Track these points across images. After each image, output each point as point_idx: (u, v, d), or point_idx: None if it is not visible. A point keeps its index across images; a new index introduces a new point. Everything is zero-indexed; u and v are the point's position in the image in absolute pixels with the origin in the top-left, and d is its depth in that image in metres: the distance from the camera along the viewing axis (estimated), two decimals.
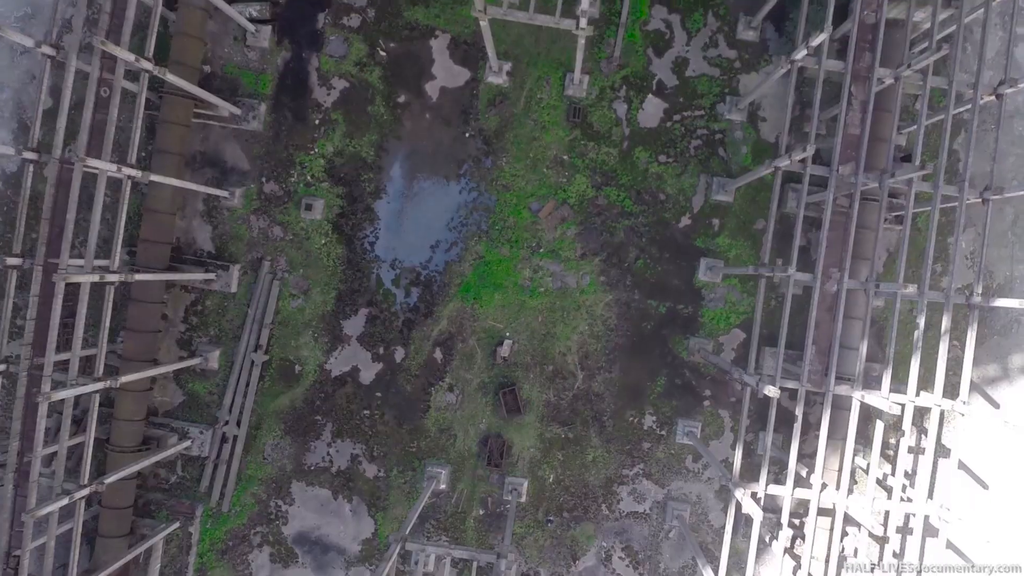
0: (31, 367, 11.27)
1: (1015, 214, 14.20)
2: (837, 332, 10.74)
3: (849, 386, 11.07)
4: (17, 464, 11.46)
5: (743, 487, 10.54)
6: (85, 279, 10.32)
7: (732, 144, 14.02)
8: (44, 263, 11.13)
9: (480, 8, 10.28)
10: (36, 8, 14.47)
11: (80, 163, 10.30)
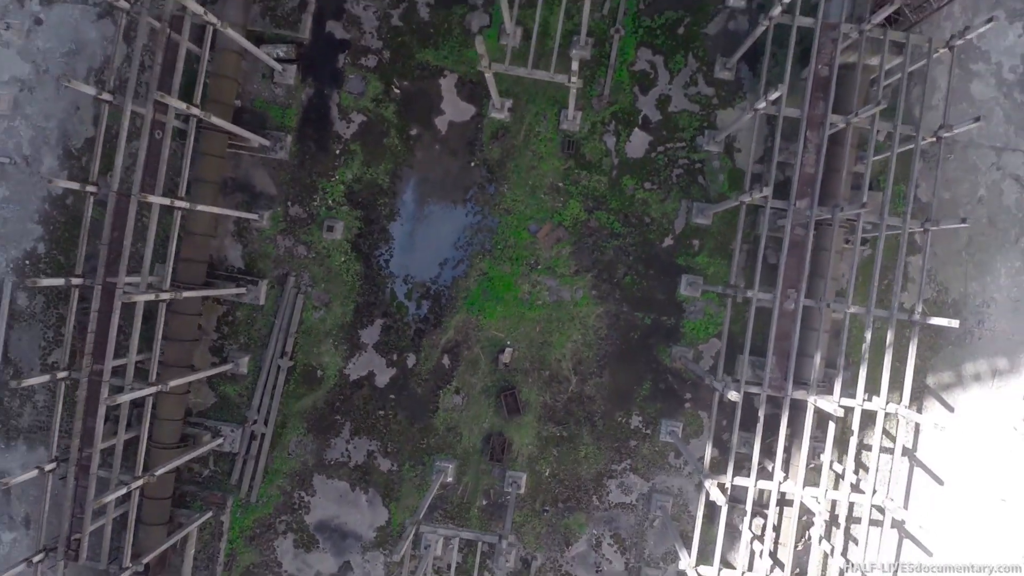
0: (91, 373, 13.10)
1: (968, 236, 15.95)
2: (794, 344, 12.53)
3: (805, 391, 12.87)
4: (77, 459, 13.30)
5: (712, 478, 12.35)
6: (142, 298, 12.16)
7: (710, 173, 15.82)
8: (103, 282, 12.96)
9: (485, 64, 12.10)
10: (80, 44, 16.30)
11: (137, 197, 12.15)
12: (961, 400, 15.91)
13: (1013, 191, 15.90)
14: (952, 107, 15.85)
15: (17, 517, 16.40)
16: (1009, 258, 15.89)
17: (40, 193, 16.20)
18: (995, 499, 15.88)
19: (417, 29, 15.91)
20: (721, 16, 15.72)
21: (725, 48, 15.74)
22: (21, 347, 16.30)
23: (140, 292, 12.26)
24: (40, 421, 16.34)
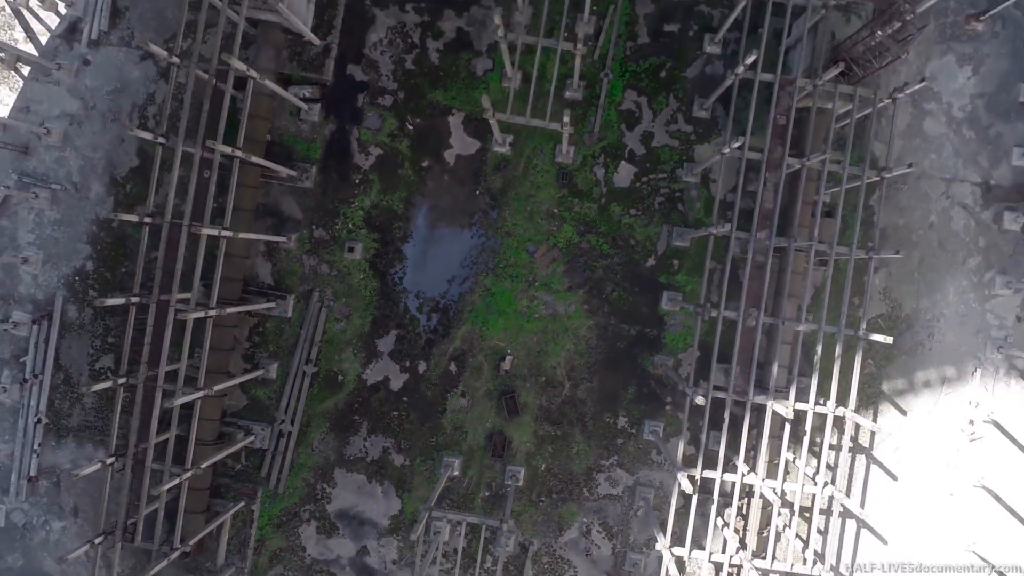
0: (146, 379, 15.35)
1: (920, 258, 18.19)
2: (755, 356, 14.77)
3: (765, 396, 15.13)
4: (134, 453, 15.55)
5: (683, 471, 14.61)
6: (193, 315, 14.41)
7: (689, 201, 18.06)
8: (157, 300, 15.20)
9: (489, 113, 14.35)
10: (124, 83, 18.54)
11: (188, 227, 14.40)
12: (913, 404, 18.17)
13: (961, 218, 18.14)
14: (907, 142, 18.14)
15: (66, 507, 18.65)
16: (957, 278, 18.13)
17: (88, 216, 18.45)
18: (944, 493, 18.14)
19: (428, 72, 18.16)
20: (699, 61, 17.96)
21: (702, 90, 17.97)
22: (71, 354, 18.56)
23: (192, 310, 14.51)
24: (87, 421, 18.60)
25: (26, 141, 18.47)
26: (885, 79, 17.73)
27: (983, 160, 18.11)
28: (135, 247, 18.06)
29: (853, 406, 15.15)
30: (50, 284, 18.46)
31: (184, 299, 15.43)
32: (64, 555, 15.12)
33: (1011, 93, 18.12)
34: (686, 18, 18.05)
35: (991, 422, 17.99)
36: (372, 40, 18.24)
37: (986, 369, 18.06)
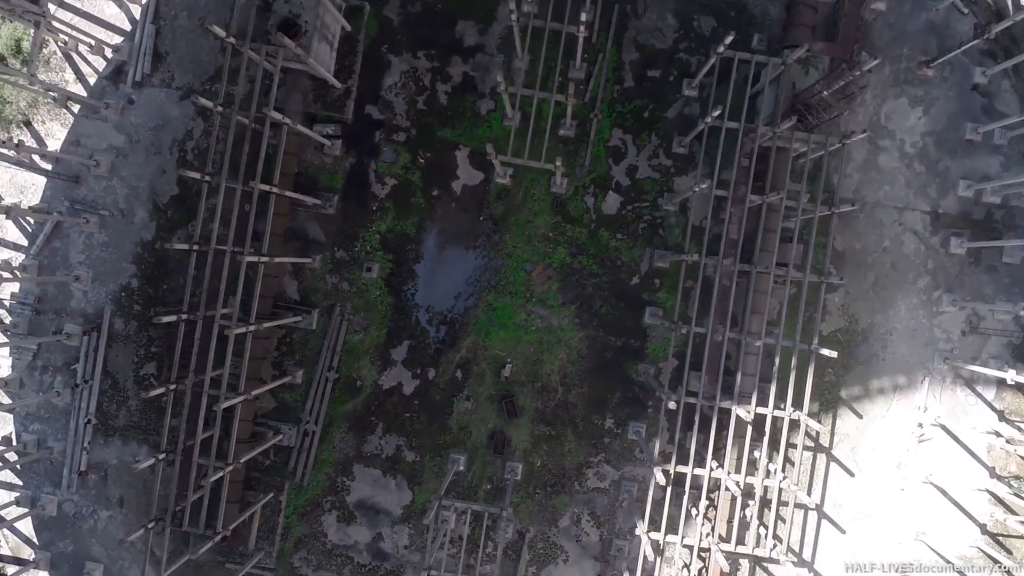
0: (194, 385, 18.02)
1: (875, 277, 20.84)
2: (721, 367, 17.43)
3: (731, 401, 17.80)
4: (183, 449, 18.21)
5: (658, 465, 17.28)
6: (237, 331, 17.08)
7: (668, 227, 20.71)
8: (204, 317, 17.85)
9: (492, 156, 17.00)
10: (165, 120, 21.17)
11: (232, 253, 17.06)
12: (869, 409, 20.84)
13: (912, 242, 20.79)
14: (864, 174, 20.81)
15: (112, 499, 21.33)
16: (908, 296, 20.78)
17: (133, 239, 21.12)
18: (896, 489, 20.80)
19: (437, 112, 20.82)
20: (678, 103, 20.59)
21: (681, 129, 20.62)
22: (118, 362, 21.23)
23: (235, 326, 17.17)
24: (132, 422, 21.27)
25: (77, 172, 21.12)
26: (845, 119, 20.38)
27: (932, 191, 20.75)
28: (175, 267, 20.79)
29: (806, 410, 17.83)
30: (99, 300, 21.13)
31: (226, 315, 18.09)
32: (123, 538, 17.77)
33: (958, 131, 20.75)
34: (667, 65, 20.69)
35: (938, 425, 20.65)
36: (387, 83, 20.90)
37: (934, 378, 20.71)
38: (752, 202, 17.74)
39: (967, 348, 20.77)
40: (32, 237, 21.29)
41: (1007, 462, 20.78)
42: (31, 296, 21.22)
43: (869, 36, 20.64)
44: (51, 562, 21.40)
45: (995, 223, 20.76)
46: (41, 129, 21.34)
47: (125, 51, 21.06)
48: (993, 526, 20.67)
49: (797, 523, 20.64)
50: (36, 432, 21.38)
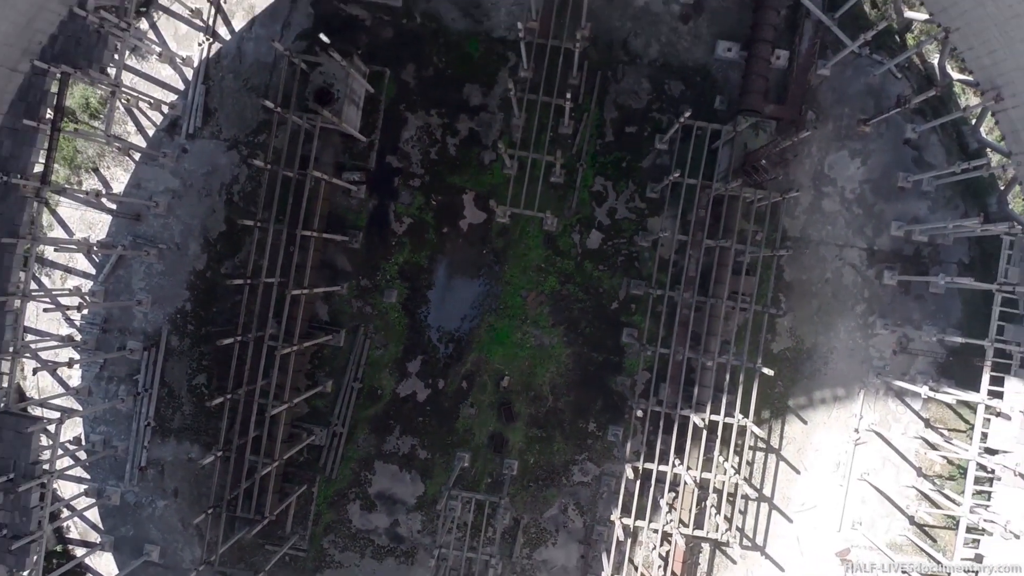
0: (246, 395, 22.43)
1: (819, 304, 25.21)
2: (680, 380, 21.81)
3: (689, 410, 22.19)
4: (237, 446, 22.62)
5: (629, 462, 21.68)
6: (286, 350, 21.48)
7: (643, 260, 25.09)
8: (255, 337, 22.26)
9: (495, 206, 21.37)
10: (214, 167, 25.55)
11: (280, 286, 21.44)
12: (813, 416, 25.22)
13: (850, 275, 25.15)
14: (809, 216, 25.18)
15: (168, 490, 25.74)
16: (846, 320, 25.15)
17: (187, 269, 25.52)
18: (836, 485, 25.18)
19: (447, 161, 25.22)
20: (651, 155, 24.97)
21: (653, 177, 24.99)
22: (173, 374, 25.63)
23: (281, 346, 21.58)
24: (185, 424, 25.67)
25: (138, 211, 25.52)
26: (794, 167, 24.77)
27: (868, 231, 25.12)
28: (223, 292, 25.17)
29: (752, 418, 22.25)
30: (157, 320, 25.56)
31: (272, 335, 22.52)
32: (192, 521, 22.18)
33: (891, 180, 25.09)
34: (642, 122, 25.08)
35: (872, 431, 25.03)
36: (405, 137, 25.31)
37: (868, 391, 25.08)
38: (708, 245, 22.13)
39: (897, 365, 25.14)
40: (100, 267, 25.67)
41: (932, 463, 25.15)
42: (99, 317, 25.62)
43: (815, 98, 25.02)
44: (114, 545, 25.81)
45: (923, 258, 25.11)
46: (107, 174, 25.72)
47: (179, 107, 25.44)
48: (919, 518, 25.01)
49: (751, 513, 25.06)
50: (102, 433, 25.79)
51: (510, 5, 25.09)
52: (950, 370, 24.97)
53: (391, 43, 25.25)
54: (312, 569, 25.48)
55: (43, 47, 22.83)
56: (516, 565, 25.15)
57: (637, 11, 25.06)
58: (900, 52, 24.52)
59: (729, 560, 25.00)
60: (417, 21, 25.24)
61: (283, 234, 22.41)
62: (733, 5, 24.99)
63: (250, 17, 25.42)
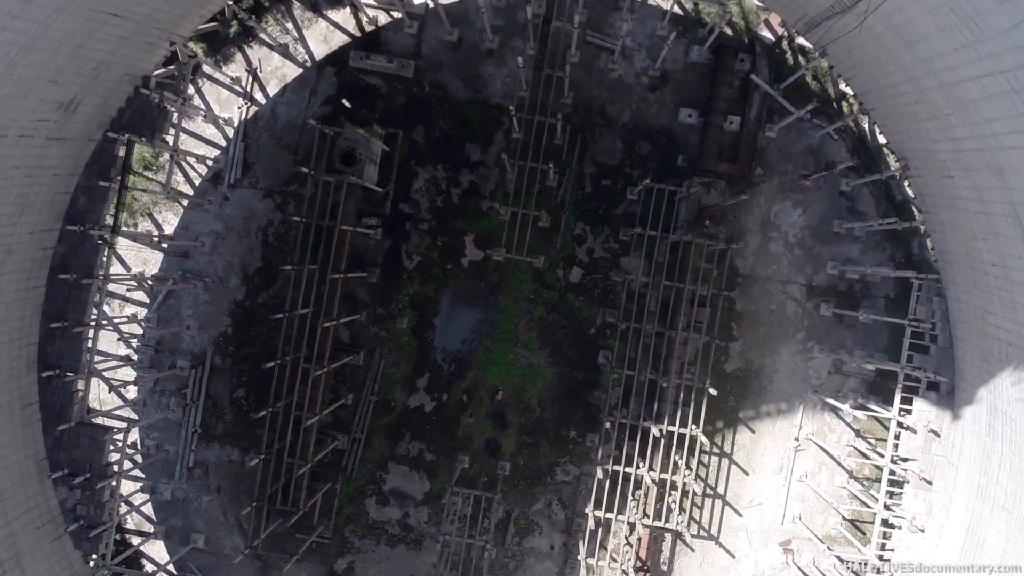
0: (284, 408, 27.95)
1: (765, 331, 30.75)
2: (643, 396, 27.34)
3: (650, 422, 27.76)
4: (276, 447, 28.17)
5: (599, 464, 27.24)
6: (318, 372, 27.02)
7: (616, 293, 30.62)
8: (292, 359, 27.78)
9: (491, 252, 26.88)
10: (252, 212, 31.00)
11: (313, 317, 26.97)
12: (759, 427, 30.78)
13: (792, 306, 30.69)
14: (757, 257, 30.72)
15: (212, 487, 31.28)
16: (789, 345, 30.70)
17: (229, 299, 31.04)
18: (779, 486, 30.76)
19: (451, 208, 30.74)
20: (623, 204, 30.49)
21: (625, 223, 30.51)
22: (217, 388, 31.17)
23: (317, 368, 27.11)
24: (227, 431, 31.22)
25: (186, 249, 31.01)
26: (745, 215, 30.28)
27: (808, 269, 30.64)
28: (260, 320, 30.67)
29: (702, 427, 27.83)
30: (203, 343, 31.08)
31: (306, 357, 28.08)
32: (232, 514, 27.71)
33: (828, 226, 30.56)
34: (616, 177, 30.59)
35: (810, 439, 30.58)
36: (415, 188, 30.82)
37: (807, 405, 30.63)
38: (666, 285, 27.67)
39: (832, 384, 30.68)
40: (153, 297, 31.16)
41: (861, 467, 30.70)
42: (152, 340, 31.13)
43: (763, 157, 30.53)
44: (166, 534, 31.36)
45: (855, 293, 30.63)
46: (160, 218, 31.21)
47: (222, 161, 30.93)
48: (850, 514, 30.54)
49: (707, 508, 30.65)
50: (155, 439, 31.32)
51: (504, 77, 30.56)
52: (877, 388, 30.50)
53: (403, 108, 30.74)
54: (335, 554, 31.07)
55: (112, 118, 28.30)
56: (508, 551, 30.75)
57: (612, 82, 30.54)
58: (837, 118, 29.97)
59: (688, 548, 30.60)
60: (426, 89, 30.72)
61: (315, 274, 27.89)
62: (693, 78, 30.47)
63: (282, 85, 30.88)
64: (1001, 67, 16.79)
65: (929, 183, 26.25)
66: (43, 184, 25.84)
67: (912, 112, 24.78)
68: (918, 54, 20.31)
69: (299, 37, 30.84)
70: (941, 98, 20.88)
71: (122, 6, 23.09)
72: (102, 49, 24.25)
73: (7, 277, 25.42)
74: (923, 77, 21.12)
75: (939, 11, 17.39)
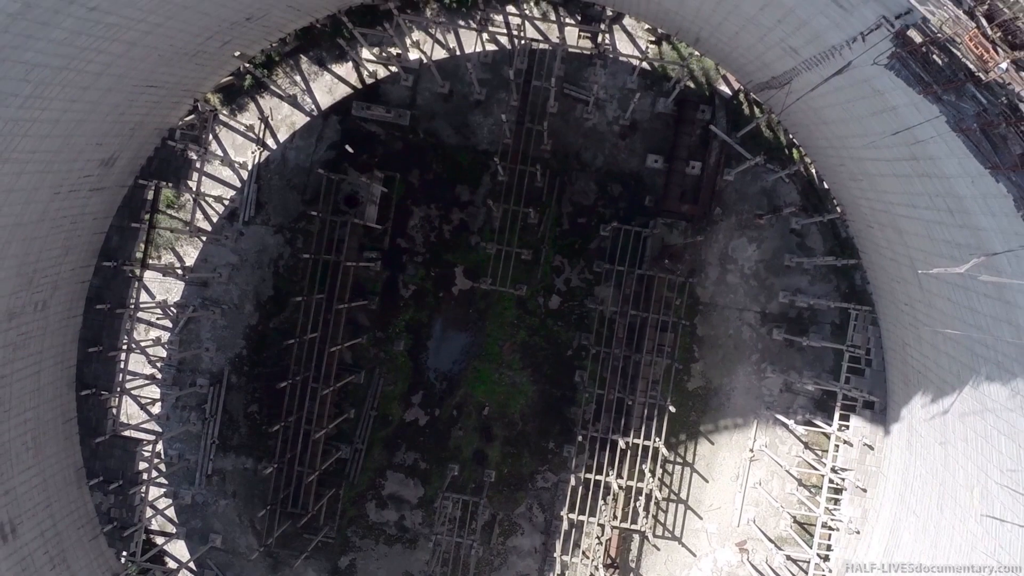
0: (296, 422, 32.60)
1: (724, 354, 35.41)
2: (612, 414, 32.00)
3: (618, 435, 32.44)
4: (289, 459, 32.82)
5: (572, 472, 31.92)
6: (326, 391, 31.67)
7: (591, 319, 35.26)
8: (301, 379, 32.39)
9: (479, 283, 31.54)
10: (264, 247, 35.65)
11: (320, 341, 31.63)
12: (718, 439, 35.48)
13: (747, 331, 35.36)
14: (717, 287, 35.38)
15: (228, 492, 35.96)
16: (744, 366, 35.37)
17: (244, 324, 35.70)
18: (735, 492, 35.44)
19: (443, 243, 35.39)
20: (597, 240, 35.13)
21: (600, 255, 35.16)
22: (233, 404, 35.83)
23: (324, 388, 31.75)
24: (242, 442, 35.87)
25: (205, 279, 35.65)
26: (705, 250, 34.92)
27: (761, 298, 35.31)
28: (272, 342, 35.32)
29: (664, 440, 32.54)
30: (220, 363, 35.74)
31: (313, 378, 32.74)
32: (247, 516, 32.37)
33: (780, 260, 35.22)
34: (590, 215, 35.24)
35: (763, 450, 35.28)
36: (411, 224, 35.48)
37: (761, 420, 35.32)
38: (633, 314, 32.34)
39: (783, 401, 35.38)
40: (176, 322, 35.79)
41: (809, 476, 35.40)
42: (175, 360, 35.77)
43: (722, 198, 35.17)
44: (186, 534, 36.05)
45: (804, 320, 35.30)
46: (181, 251, 35.84)
47: (237, 200, 35.56)
48: (800, 517, 35.24)
49: (671, 512, 35.35)
50: (178, 449, 35.98)
51: (491, 125, 35.20)
52: (823, 405, 35.19)
53: (401, 153, 35.39)
54: (339, 552, 35.79)
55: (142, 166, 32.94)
56: (493, 550, 35.48)
57: (587, 130, 35.19)
58: (788, 164, 34.58)
59: (654, 547, 35.32)
60: (420, 136, 35.37)
61: (322, 303, 32.56)
62: (660, 126, 35.11)
63: (292, 131, 35.51)
64: (885, 156, 21.42)
65: (860, 229, 30.93)
66: (84, 228, 30.45)
67: (838, 171, 29.48)
68: (832, 132, 24.99)
69: (306, 89, 35.42)
70: (854, 167, 25.55)
71: (158, 78, 27.68)
72: (139, 112, 28.86)
73: (53, 309, 30.02)
74: (840, 149, 25.78)
75: (836, 108, 22.03)
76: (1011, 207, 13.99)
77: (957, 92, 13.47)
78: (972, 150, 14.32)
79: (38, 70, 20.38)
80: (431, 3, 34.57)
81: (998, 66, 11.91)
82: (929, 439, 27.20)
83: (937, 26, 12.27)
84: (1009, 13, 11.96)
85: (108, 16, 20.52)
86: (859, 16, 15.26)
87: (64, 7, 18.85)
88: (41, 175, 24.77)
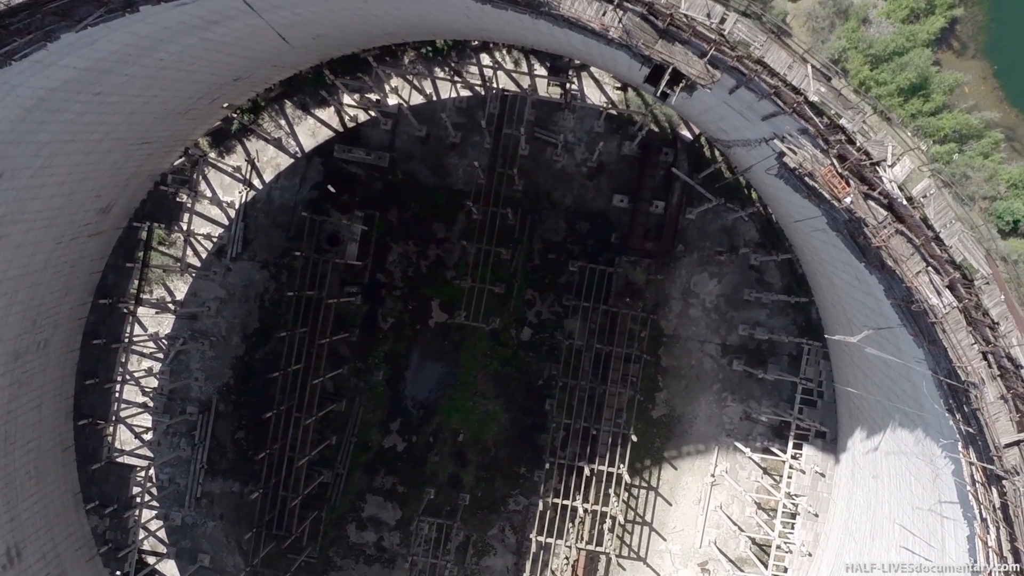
0: (280, 448, 35.90)
1: (687, 383, 38.78)
2: (579, 441, 35.33)
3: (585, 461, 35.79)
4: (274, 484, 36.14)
5: (541, 497, 35.27)
6: (308, 421, 34.97)
7: (560, 350, 38.59)
8: (286, 408, 35.69)
9: (454, 316, 34.86)
10: (251, 282, 38.98)
11: (304, 373, 34.93)
12: (681, 464, 38.89)
13: (709, 362, 38.76)
14: (680, 319, 38.76)
15: (216, 514, 39.28)
16: (707, 395, 38.77)
17: (231, 355, 39.02)
18: (698, 514, 38.81)
19: (420, 278, 38.76)
20: (566, 275, 38.48)
21: (568, 290, 38.49)
22: (220, 430, 39.17)
23: (307, 417, 35.05)
24: (229, 467, 39.19)
25: (195, 312, 38.99)
26: (668, 285, 38.26)
27: (722, 331, 38.70)
28: (258, 373, 38.64)
29: (627, 468, 35.91)
30: (209, 392, 39.08)
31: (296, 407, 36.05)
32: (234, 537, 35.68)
33: (740, 294, 38.63)
34: (560, 251, 38.63)
35: (724, 474, 38.67)
36: (390, 260, 38.83)
37: (721, 446, 38.74)
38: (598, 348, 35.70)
39: (743, 428, 38.79)
40: (166, 353, 39.08)
41: (767, 500, 38.80)
42: (165, 389, 39.11)
43: (684, 236, 38.54)
44: (177, 554, 39.39)
45: (763, 351, 38.71)
46: (172, 286, 39.15)
47: (225, 238, 38.89)
48: (759, 539, 38.65)
49: (636, 533, 38.75)
50: (168, 473, 39.33)
51: (466, 167, 38.56)
52: (781, 433, 38.61)
53: (380, 193, 38.74)
54: (321, 572, 39.21)
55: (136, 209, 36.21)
56: (467, 569, 38.90)
57: (556, 172, 38.57)
58: (747, 204, 37.94)
59: (620, 567, 38.72)
60: (399, 177, 38.73)
61: (305, 337, 35.88)
62: (625, 168, 38.49)
63: (276, 172, 38.86)
64: (810, 225, 24.77)
65: (810, 271, 34.30)
66: (82, 270, 33.75)
67: (784, 219, 32.82)
68: (768, 193, 28.33)
69: (291, 132, 38.76)
70: (790, 228, 28.88)
71: (152, 135, 31.00)
72: (134, 164, 32.18)
73: (54, 346, 33.31)
74: (777, 206, 29.12)
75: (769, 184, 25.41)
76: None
77: (828, 205, 16.83)
78: (849, 246, 17.66)
79: (49, 146, 23.70)
80: (408, 52, 37.86)
81: (847, 197, 15.28)
82: (866, 471, 30.63)
83: (798, 163, 15.62)
84: (856, 155, 15.33)
85: (111, 96, 23.87)
86: (758, 128, 18.62)
87: (73, 96, 22.17)
88: (47, 229, 28.07)
